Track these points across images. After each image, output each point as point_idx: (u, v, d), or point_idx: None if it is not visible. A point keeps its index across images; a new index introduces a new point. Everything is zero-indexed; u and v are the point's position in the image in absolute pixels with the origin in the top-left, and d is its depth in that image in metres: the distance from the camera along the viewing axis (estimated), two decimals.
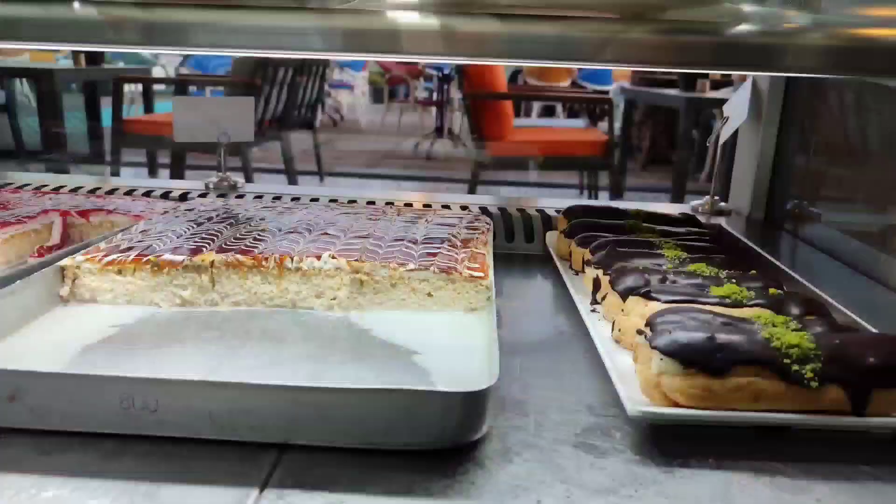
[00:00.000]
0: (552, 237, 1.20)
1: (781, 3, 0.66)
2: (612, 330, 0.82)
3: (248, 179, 3.53)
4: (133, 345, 0.77)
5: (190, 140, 1.33)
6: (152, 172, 4.97)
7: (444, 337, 0.82)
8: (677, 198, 3.75)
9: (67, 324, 0.82)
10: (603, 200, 4.32)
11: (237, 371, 0.71)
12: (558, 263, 1.08)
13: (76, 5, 0.69)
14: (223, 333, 0.80)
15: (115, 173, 4.08)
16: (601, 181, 4.72)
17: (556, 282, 1.05)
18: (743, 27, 0.66)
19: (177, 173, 3.76)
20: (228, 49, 0.70)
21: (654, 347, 0.64)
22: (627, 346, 0.79)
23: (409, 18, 0.67)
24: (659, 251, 0.95)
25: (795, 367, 0.62)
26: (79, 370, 0.68)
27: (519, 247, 1.23)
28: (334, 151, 6.24)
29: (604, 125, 5.01)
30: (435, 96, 6.87)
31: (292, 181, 4.23)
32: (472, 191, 3.64)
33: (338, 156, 6.14)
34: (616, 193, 4.51)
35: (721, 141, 1.29)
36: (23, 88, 4.92)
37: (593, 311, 0.91)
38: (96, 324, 0.82)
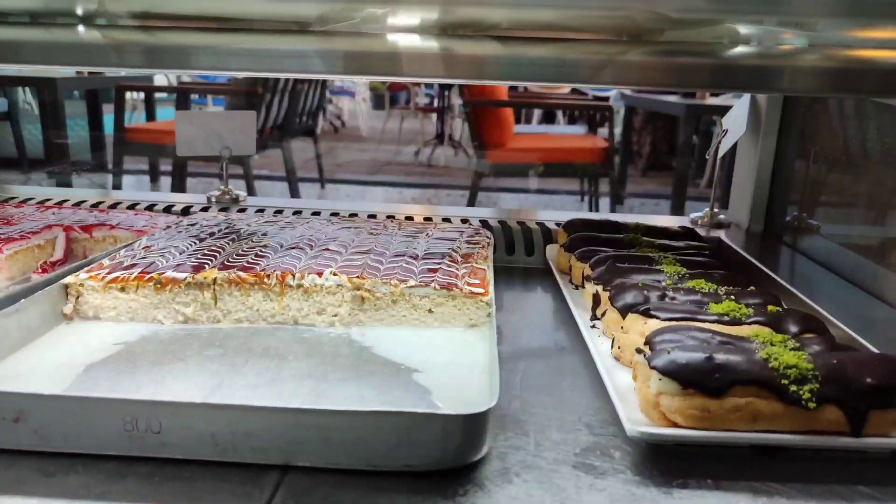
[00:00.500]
0: (552, 250, 1.21)
1: (778, 24, 0.67)
2: (612, 347, 0.83)
3: (251, 191, 3.54)
4: (136, 363, 0.77)
5: (192, 154, 1.34)
6: (154, 180, 4.99)
7: (444, 354, 0.82)
8: (677, 205, 3.76)
9: (71, 342, 0.83)
10: (604, 206, 4.33)
11: (239, 390, 0.72)
12: (558, 277, 1.09)
13: (80, 29, 0.69)
14: (225, 351, 0.81)
15: (118, 181, 4.09)
16: (602, 187, 4.74)
17: (556, 296, 1.06)
18: (740, 49, 0.67)
19: (178, 181, 3.77)
20: (230, 71, 0.71)
21: (652, 367, 0.65)
22: (627, 364, 0.79)
23: (409, 41, 0.68)
24: (658, 267, 0.95)
25: (793, 388, 0.62)
26: (82, 392, 0.69)
27: (519, 260, 1.23)
28: (335, 158, 6.26)
29: (604, 131, 5.02)
30: (436, 103, 6.89)
31: (294, 191, 4.24)
32: (472, 198, 3.65)
33: (339, 162, 6.15)
34: (616, 201, 4.53)
35: (720, 154, 1.30)
36: (25, 96, 4.94)
37: (593, 326, 0.91)
38: (99, 342, 0.82)
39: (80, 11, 0.68)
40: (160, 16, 0.68)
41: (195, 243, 1.02)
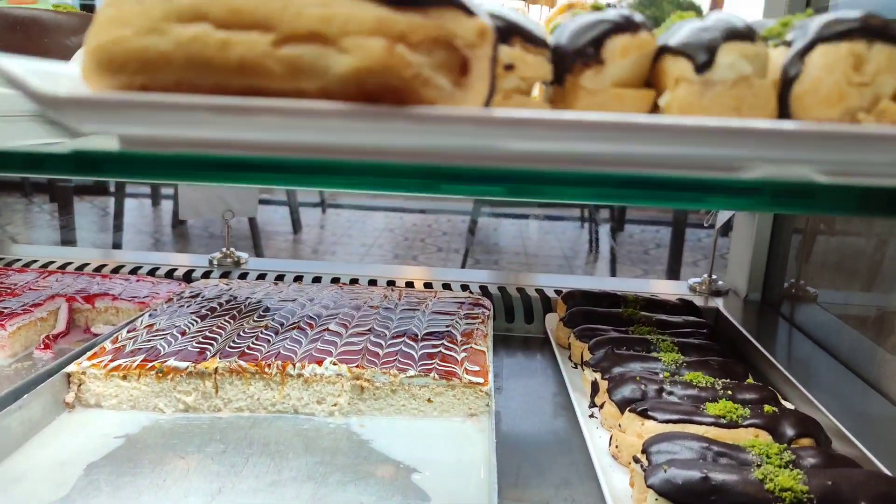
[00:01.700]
0: (552, 319, 1.22)
1: None
2: (610, 444, 0.83)
3: (258, 252, 3.54)
4: (136, 463, 0.78)
5: (195, 217, 1.35)
6: (155, 204, 5.01)
7: (443, 450, 0.83)
8: (677, 236, 3.76)
9: (73, 432, 0.83)
10: (604, 232, 4.34)
11: (239, 496, 0.72)
12: (557, 354, 1.10)
13: None
14: (226, 447, 0.82)
15: (120, 202, 4.12)
16: (602, 213, 4.75)
17: (555, 376, 1.06)
18: None
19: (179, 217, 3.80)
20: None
21: (649, 486, 0.65)
22: (624, 463, 0.80)
23: None
24: (655, 354, 0.96)
25: None
26: (83, 498, 0.70)
27: (519, 328, 1.24)
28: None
29: None
30: None
31: (296, 224, 4.27)
32: (473, 223, 3.68)
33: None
34: (617, 228, 4.55)
35: (718, 225, 1.31)
36: None
37: (591, 415, 0.92)
38: (101, 434, 0.83)
39: None
40: None
41: (196, 322, 1.03)
